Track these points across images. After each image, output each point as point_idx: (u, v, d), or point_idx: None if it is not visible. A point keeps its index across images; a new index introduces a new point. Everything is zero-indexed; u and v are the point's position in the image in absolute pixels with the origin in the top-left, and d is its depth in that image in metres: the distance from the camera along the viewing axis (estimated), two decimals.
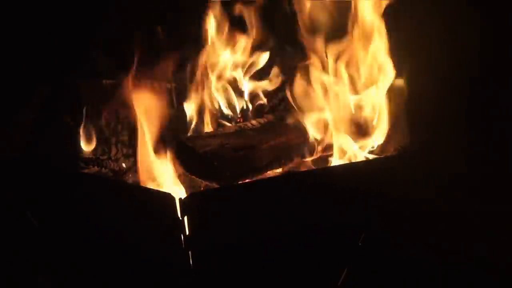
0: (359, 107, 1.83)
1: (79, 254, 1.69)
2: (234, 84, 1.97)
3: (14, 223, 1.80)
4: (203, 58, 1.95)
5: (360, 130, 1.82)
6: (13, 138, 1.81)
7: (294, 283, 1.65)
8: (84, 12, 2.01)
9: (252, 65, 1.98)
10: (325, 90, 1.83)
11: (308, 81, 1.84)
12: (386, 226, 1.75)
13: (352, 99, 1.82)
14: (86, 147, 1.91)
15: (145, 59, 1.96)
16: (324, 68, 1.83)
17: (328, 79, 1.82)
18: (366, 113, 1.82)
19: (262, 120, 1.86)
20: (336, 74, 1.82)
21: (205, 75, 1.95)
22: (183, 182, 1.71)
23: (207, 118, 1.94)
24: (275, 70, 1.97)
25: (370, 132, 1.81)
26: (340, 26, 1.81)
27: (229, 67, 1.96)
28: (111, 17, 2.02)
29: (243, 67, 1.97)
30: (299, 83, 1.85)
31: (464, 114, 2.02)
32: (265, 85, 1.99)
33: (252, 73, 1.98)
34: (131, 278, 1.63)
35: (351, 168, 1.68)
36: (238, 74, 1.97)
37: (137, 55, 1.79)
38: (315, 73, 1.83)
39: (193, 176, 1.74)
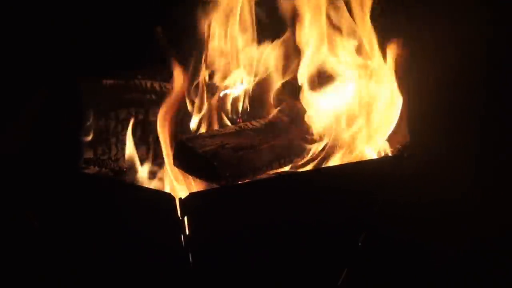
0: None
1: (79, 254, 1.69)
2: (234, 84, 1.97)
3: (14, 223, 1.80)
4: (204, 58, 1.95)
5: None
6: (13, 138, 1.81)
7: (294, 283, 1.65)
8: (85, 11, 2.01)
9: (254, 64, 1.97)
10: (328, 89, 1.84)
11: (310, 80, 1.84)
12: (386, 226, 1.75)
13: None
14: (86, 147, 1.91)
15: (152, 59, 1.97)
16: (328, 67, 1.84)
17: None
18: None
19: (262, 120, 1.86)
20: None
21: (207, 75, 1.95)
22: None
23: (207, 118, 1.94)
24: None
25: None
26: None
27: (230, 67, 1.96)
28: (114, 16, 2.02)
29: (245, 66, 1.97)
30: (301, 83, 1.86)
31: (464, 113, 2.02)
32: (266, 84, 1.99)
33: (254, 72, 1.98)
34: (131, 278, 1.63)
35: (351, 168, 1.68)
36: (239, 74, 1.97)
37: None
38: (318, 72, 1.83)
39: (192, 176, 1.74)
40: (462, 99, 2.00)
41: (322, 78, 1.85)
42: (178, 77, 1.77)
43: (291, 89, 1.94)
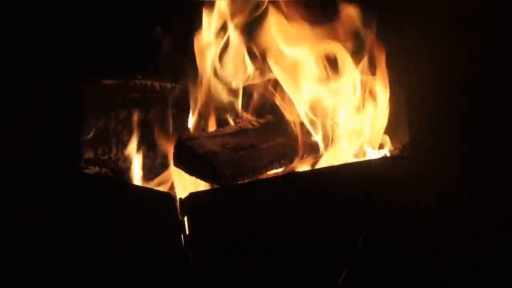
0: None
1: (79, 254, 1.69)
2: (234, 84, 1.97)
3: (14, 223, 1.80)
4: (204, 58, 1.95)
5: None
6: (13, 138, 1.82)
7: (294, 283, 1.65)
8: (85, 12, 2.01)
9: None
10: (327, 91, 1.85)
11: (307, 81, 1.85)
12: (386, 226, 1.75)
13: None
14: (86, 147, 1.91)
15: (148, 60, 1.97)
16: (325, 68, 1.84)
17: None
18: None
19: (262, 120, 1.86)
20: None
21: (206, 75, 1.95)
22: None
23: (207, 118, 1.94)
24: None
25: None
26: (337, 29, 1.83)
27: (229, 67, 1.96)
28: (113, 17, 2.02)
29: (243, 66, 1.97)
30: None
31: (464, 114, 2.02)
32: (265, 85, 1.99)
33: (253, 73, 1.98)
34: (131, 278, 1.63)
35: (351, 168, 1.68)
36: (239, 74, 1.97)
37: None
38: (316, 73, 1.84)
39: (193, 177, 1.74)
40: (462, 99, 2.00)
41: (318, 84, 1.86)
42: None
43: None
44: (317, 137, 1.82)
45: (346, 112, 1.84)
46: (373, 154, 1.82)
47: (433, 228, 1.90)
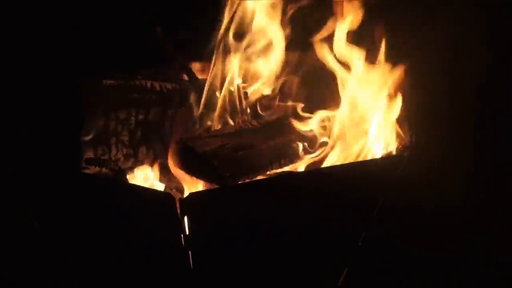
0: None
1: (79, 254, 1.69)
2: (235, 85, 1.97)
3: (14, 223, 1.80)
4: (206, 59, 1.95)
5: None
6: (13, 138, 1.81)
7: (294, 283, 1.65)
8: (85, 12, 2.01)
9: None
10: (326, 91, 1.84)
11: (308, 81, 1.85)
12: (386, 226, 1.75)
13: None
14: (86, 147, 1.91)
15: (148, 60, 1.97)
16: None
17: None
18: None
19: (262, 120, 1.86)
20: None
21: (207, 75, 1.95)
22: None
23: (207, 118, 1.94)
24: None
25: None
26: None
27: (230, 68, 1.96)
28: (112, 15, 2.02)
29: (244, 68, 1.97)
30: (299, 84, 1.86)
31: (464, 113, 2.02)
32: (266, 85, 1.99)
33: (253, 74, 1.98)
34: (131, 278, 1.63)
35: (351, 168, 1.68)
36: (239, 75, 1.97)
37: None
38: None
39: (193, 177, 1.74)
40: (462, 99, 2.00)
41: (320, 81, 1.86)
42: None
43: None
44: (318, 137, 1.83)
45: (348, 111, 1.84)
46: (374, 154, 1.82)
47: (433, 228, 1.90)
